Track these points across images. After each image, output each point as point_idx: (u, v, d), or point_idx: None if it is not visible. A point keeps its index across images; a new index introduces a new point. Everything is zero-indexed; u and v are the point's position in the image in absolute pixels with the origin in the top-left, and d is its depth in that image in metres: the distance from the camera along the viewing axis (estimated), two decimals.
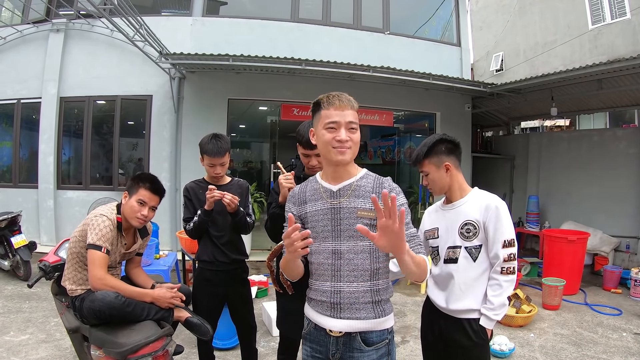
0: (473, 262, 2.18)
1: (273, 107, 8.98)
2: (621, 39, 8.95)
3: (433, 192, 2.35)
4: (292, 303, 2.50)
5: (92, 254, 2.42)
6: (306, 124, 2.45)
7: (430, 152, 2.26)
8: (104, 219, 2.52)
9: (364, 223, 1.66)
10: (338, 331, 1.72)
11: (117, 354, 2.19)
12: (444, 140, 2.27)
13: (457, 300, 2.19)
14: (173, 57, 6.51)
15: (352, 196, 1.73)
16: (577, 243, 6.03)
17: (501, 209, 2.14)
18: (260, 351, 3.89)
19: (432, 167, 2.27)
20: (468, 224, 2.19)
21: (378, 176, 1.81)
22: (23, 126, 7.98)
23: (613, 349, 4.24)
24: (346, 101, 1.70)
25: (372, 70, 6.88)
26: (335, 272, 1.73)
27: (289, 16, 8.20)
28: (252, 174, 13.40)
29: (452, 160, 2.26)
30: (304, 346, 1.86)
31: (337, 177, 1.78)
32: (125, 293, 2.41)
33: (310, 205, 1.82)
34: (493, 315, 2.12)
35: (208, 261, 2.90)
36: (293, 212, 1.86)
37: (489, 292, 2.15)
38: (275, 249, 2.33)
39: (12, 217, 5.76)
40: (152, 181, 2.65)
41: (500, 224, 2.12)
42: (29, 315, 4.64)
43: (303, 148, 2.45)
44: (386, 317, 1.73)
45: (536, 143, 9.22)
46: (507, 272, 2.12)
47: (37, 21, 7.69)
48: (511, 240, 2.12)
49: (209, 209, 2.77)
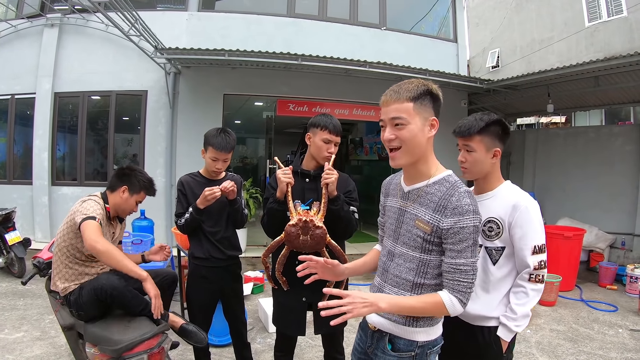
0: (492, 264, 1.95)
1: (269, 102, 8.94)
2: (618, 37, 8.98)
3: (465, 174, 2.05)
4: (289, 300, 2.50)
5: (87, 223, 2.38)
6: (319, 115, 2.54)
7: (487, 129, 1.95)
8: (95, 203, 2.55)
9: (417, 234, 1.58)
10: (373, 325, 1.72)
11: (112, 351, 2.17)
12: (502, 123, 1.99)
13: (471, 304, 1.88)
14: (168, 52, 6.46)
15: (417, 202, 1.60)
16: (573, 239, 6.04)
17: (532, 210, 1.88)
18: (257, 348, 3.89)
19: (481, 147, 1.95)
20: (491, 222, 1.95)
21: (455, 185, 1.56)
22: (17, 122, 7.90)
23: (609, 345, 4.26)
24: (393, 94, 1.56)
25: (368, 66, 6.86)
26: (384, 271, 1.72)
27: (285, 11, 8.16)
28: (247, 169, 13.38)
29: (501, 148, 1.99)
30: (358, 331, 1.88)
31: (409, 177, 1.67)
32: (119, 264, 2.36)
33: (389, 200, 1.78)
34: (514, 326, 1.87)
35: (203, 258, 2.85)
36: (381, 203, 1.86)
37: (513, 299, 1.90)
38: (271, 245, 2.32)
39: (6, 213, 5.72)
40: (154, 188, 2.87)
41: (530, 227, 1.86)
42: (23, 312, 4.60)
43: (329, 133, 2.45)
44: (417, 329, 1.61)
45: (532, 140, 9.22)
46: (536, 279, 1.88)
47: (31, 16, 7.62)
48: (542, 245, 1.87)
49: (202, 208, 2.71)
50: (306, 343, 4.03)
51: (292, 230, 2.14)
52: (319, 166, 2.50)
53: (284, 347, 2.69)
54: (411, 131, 1.53)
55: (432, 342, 1.64)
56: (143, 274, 2.40)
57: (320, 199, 2.29)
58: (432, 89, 1.57)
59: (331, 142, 2.46)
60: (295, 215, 2.18)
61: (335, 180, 2.26)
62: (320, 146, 2.47)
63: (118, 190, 2.70)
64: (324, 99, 8.03)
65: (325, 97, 8.02)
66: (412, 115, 1.53)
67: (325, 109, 7.86)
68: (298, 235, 2.15)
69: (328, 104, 8.04)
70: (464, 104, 8.91)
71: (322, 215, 2.20)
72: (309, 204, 2.35)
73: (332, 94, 8.00)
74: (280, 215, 2.35)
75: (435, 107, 1.58)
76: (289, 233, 2.15)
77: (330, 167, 2.29)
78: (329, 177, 2.24)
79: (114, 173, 2.85)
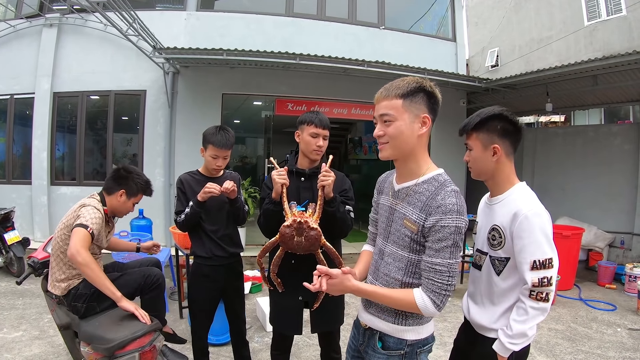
0: (496, 275, 1.80)
1: (267, 101, 8.95)
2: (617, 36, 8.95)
3: (472, 173, 1.94)
4: (285, 299, 2.50)
5: (77, 230, 2.44)
6: (306, 113, 2.56)
7: (482, 126, 1.82)
8: (95, 210, 2.58)
9: (405, 234, 1.57)
10: (364, 323, 1.73)
11: (104, 350, 2.18)
12: (503, 117, 1.81)
13: (476, 313, 1.89)
14: (167, 51, 6.47)
15: (406, 201, 1.59)
16: (571, 238, 6.03)
17: (533, 220, 1.69)
18: (255, 347, 3.89)
19: (477, 144, 1.84)
20: (494, 230, 1.81)
21: (443, 184, 1.53)
22: (16, 122, 7.91)
23: (607, 344, 4.25)
24: (384, 91, 1.59)
25: (367, 65, 6.87)
26: (376, 269, 1.72)
27: (283, 10, 8.17)
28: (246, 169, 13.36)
29: (503, 144, 1.81)
30: (352, 329, 1.89)
31: (400, 176, 1.66)
32: (97, 279, 2.40)
33: (382, 197, 1.79)
34: (508, 343, 1.70)
35: (205, 257, 2.84)
36: (374, 199, 1.87)
37: (513, 314, 1.74)
38: (266, 246, 2.32)
39: (5, 213, 5.72)
40: (150, 189, 2.95)
41: (530, 239, 1.67)
42: (22, 311, 4.61)
43: (315, 127, 2.46)
44: (406, 328, 1.60)
45: (531, 139, 9.21)
46: (537, 297, 1.69)
47: (30, 16, 7.63)
48: (545, 260, 1.68)
49: (202, 201, 2.72)
50: (304, 342, 4.03)
51: (286, 231, 2.13)
52: (314, 164, 2.50)
53: (281, 346, 2.69)
54: (398, 127, 1.53)
55: (422, 341, 1.63)
56: (117, 294, 2.44)
57: (315, 197, 2.29)
58: (426, 86, 1.56)
59: (319, 135, 2.47)
60: (290, 217, 2.17)
61: (332, 183, 2.25)
62: (308, 141, 2.48)
63: (115, 194, 2.75)
64: (323, 99, 8.03)
65: (324, 97, 8.03)
66: (401, 112, 1.53)
67: (324, 108, 7.87)
68: (292, 237, 2.14)
69: (327, 103, 8.05)
70: (463, 103, 8.92)
71: (318, 217, 2.19)
72: (305, 205, 2.34)
73: (330, 93, 8.00)
74: (276, 216, 2.35)
75: (429, 104, 1.56)
76: (284, 234, 2.14)
77: (328, 168, 2.29)
78: (325, 180, 2.22)
79: (110, 174, 2.86)
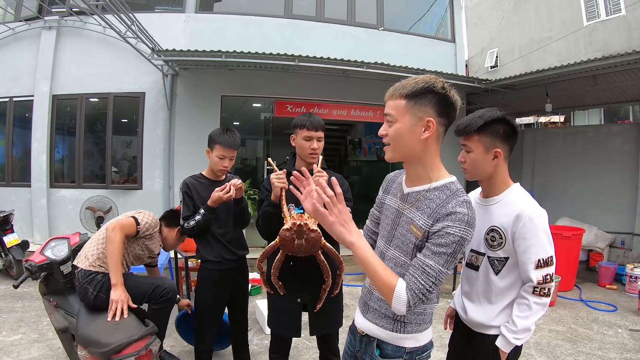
0: (495, 274, 1.85)
1: (267, 103, 8.93)
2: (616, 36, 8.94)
3: (466, 174, 1.95)
4: (283, 302, 2.49)
5: (128, 218, 2.70)
6: (299, 116, 2.57)
7: (485, 129, 1.83)
8: (151, 216, 2.86)
9: (410, 240, 1.50)
10: (361, 330, 1.68)
11: (100, 354, 2.17)
12: (506, 120, 1.85)
13: (473, 311, 1.92)
14: (166, 53, 6.46)
15: (415, 206, 1.52)
16: (572, 239, 6.03)
17: (537, 221, 1.75)
18: (254, 349, 3.88)
19: (479, 146, 1.85)
20: (493, 231, 1.84)
21: (456, 194, 1.46)
22: (16, 124, 7.89)
23: (608, 345, 4.24)
24: (392, 90, 1.52)
25: (366, 67, 6.85)
26: None
27: (282, 12, 8.15)
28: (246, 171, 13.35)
29: (504, 148, 1.86)
30: (347, 334, 1.84)
31: (410, 179, 1.59)
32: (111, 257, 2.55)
33: (388, 198, 1.71)
34: (512, 339, 1.76)
35: (215, 261, 2.85)
36: (379, 197, 1.81)
37: (515, 310, 1.80)
38: (266, 250, 2.31)
39: (4, 215, 5.73)
40: None
41: (534, 239, 1.73)
42: (21, 315, 4.61)
43: (307, 130, 2.46)
44: (405, 335, 1.56)
45: (531, 139, 9.20)
46: (540, 293, 1.75)
47: (29, 19, 7.62)
48: (547, 258, 1.75)
49: (214, 206, 2.72)
50: (303, 345, 4.02)
51: (286, 234, 2.13)
52: (310, 167, 2.50)
53: (279, 349, 2.68)
54: (397, 130, 1.48)
55: (421, 349, 1.60)
56: (119, 279, 2.52)
57: None
58: (436, 87, 1.44)
59: (312, 138, 2.48)
60: (289, 220, 2.17)
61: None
62: (302, 145, 2.49)
63: (174, 228, 3.04)
64: (322, 100, 8.02)
65: (323, 98, 8.01)
66: (402, 113, 1.47)
67: (323, 109, 7.86)
68: (293, 239, 2.14)
69: (326, 105, 8.03)
70: (463, 104, 8.89)
71: None
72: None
73: (330, 94, 7.99)
74: (275, 218, 2.34)
75: (439, 107, 1.46)
76: (284, 237, 2.14)
77: (320, 169, 2.28)
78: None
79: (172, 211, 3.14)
